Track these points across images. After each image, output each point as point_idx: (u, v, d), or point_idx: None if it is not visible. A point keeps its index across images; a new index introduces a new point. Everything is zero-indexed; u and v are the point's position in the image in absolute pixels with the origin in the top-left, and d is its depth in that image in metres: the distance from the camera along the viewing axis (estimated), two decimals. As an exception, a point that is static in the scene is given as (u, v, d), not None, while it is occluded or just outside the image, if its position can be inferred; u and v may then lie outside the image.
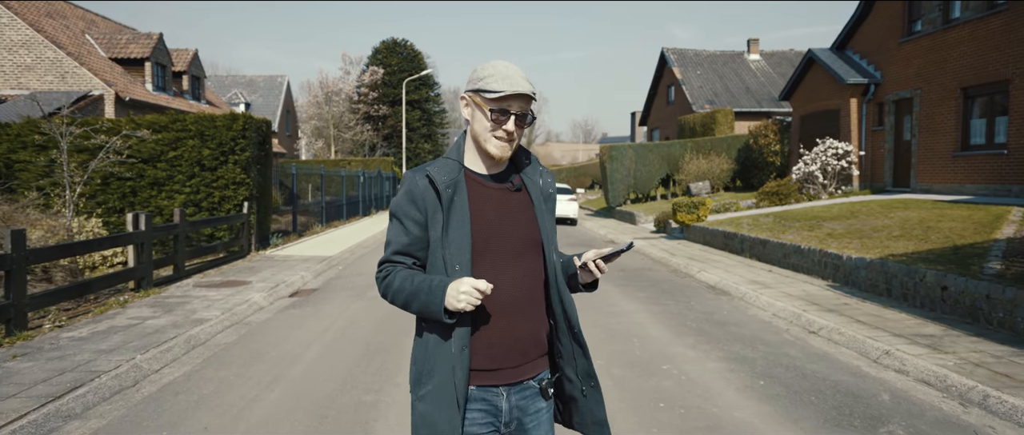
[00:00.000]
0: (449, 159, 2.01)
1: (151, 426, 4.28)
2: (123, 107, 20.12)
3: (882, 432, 4.16)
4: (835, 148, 18.12)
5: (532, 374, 2.00)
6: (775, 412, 4.50)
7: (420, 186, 1.95)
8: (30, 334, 6.24)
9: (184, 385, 5.14)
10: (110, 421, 4.38)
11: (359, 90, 44.49)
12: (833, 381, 5.22)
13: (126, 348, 5.87)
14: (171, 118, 12.17)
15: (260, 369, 5.55)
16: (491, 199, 1.98)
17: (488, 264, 1.93)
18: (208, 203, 12.26)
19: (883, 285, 8.28)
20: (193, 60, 26.13)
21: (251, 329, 7.06)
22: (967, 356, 5.54)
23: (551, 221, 2.08)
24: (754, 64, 35.58)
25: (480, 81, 1.92)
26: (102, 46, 22.60)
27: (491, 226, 1.95)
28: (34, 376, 5.03)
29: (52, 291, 6.94)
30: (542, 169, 2.13)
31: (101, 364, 5.36)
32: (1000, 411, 4.46)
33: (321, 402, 4.70)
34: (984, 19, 14.11)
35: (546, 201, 2.08)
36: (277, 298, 8.82)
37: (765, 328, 7.11)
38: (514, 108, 1.91)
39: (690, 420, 4.33)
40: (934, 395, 4.90)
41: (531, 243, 1.99)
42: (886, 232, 10.45)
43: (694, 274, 10.94)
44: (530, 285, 1.98)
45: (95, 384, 4.88)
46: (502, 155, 1.94)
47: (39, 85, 19.63)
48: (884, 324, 6.81)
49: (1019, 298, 6.12)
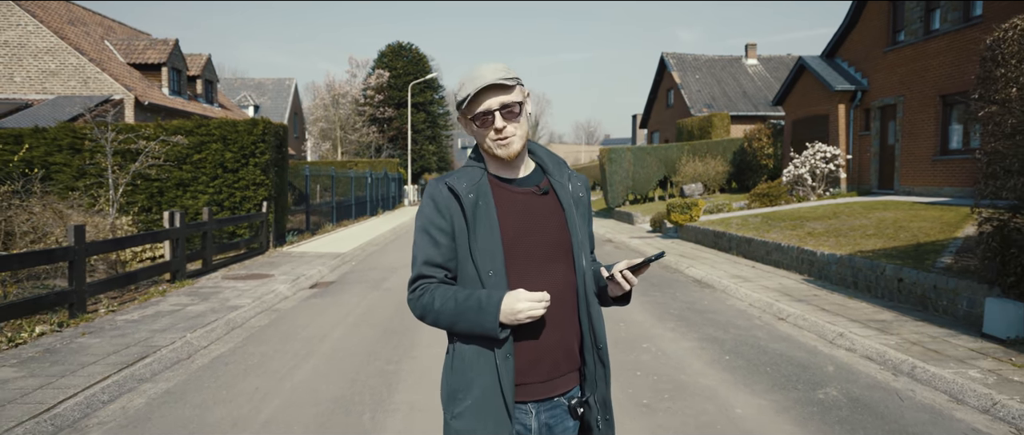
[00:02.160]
0: (471, 166, 1.98)
1: (211, 386, 5.13)
2: (142, 111, 21.03)
3: (819, 393, 5.00)
4: (823, 152, 18.92)
5: (563, 390, 1.91)
6: (734, 379, 5.34)
7: (443, 195, 1.90)
8: (90, 317, 7.11)
9: (231, 358, 6.00)
10: (176, 383, 5.24)
11: (365, 93, 45.41)
12: (789, 356, 6.05)
13: (175, 329, 6.72)
14: (196, 123, 13.05)
15: (294, 346, 6.40)
16: (516, 204, 1.92)
17: (519, 270, 1.87)
18: (230, 203, 13.12)
19: (850, 278, 9.11)
20: (206, 65, 27.04)
21: (280, 314, 7.92)
22: (908, 337, 6.36)
23: (584, 226, 2.01)
24: (751, 69, 36.39)
25: (458, 97, 1.90)
26: (121, 52, 23.51)
27: (519, 230, 1.89)
28: (104, 349, 5.89)
29: (105, 280, 7.80)
30: (571, 172, 2.07)
31: (158, 340, 6.21)
32: (922, 378, 5.29)
33: (350, 369, 5.55)
34: (961, 31, 14.92)
35: (577, 205, 2.01)
36: (299, 289, 9.67)
37: (739, 315, 7.94)
38: (491, 104, 1.84)
39: (661, 384, 5.17)
40: (873, 367, 5.73)
41: (561, 248, 1.93)
42: (861, 231, 11.26)
43: (683, 270, 11.77)
44: (561, 292, 1.90)
45: (157, 355, 5.74)
46: (508, 153, 1.89)
47: (63, 90, 20.54)
48: (845, 312, 7.64)
49: (959, 287, 6.95)
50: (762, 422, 4.40)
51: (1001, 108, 6.11)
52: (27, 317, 6.61)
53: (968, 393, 4.85)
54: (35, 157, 12.30)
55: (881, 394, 5.00)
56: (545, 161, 2.02)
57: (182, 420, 4.43)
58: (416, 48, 47.90)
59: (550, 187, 1.99)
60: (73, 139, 12.72)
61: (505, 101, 1.84)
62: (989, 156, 6.27)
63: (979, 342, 6.07)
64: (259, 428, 4.25)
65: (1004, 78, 6.11)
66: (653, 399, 4.83)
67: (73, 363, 5.41)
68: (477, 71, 1.84)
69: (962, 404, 4.78)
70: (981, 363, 5.42)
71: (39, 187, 10.22)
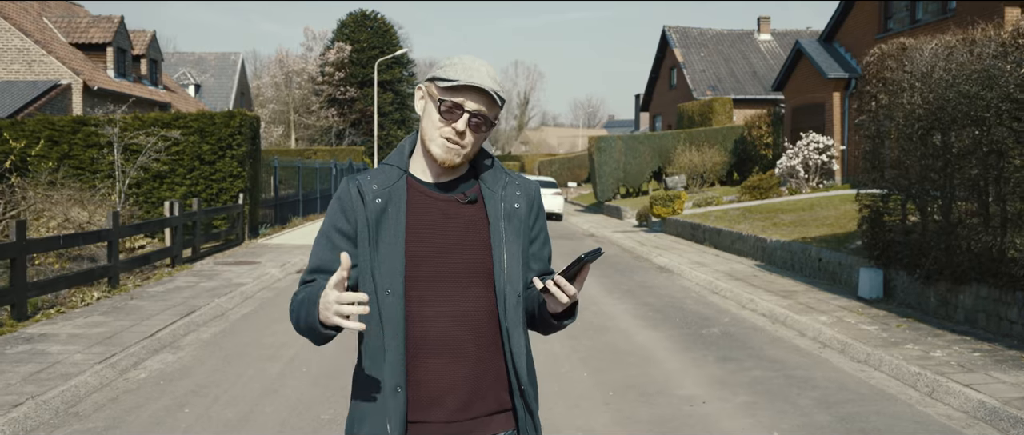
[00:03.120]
0: (388, 165, 2.09)
1: (252, 329, 8.48)
2: (90, 96, 24.22)
3: (704, 330, 8.44)
4: (817, 143, 22.47)
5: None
6: (647, 324, 8.78)
7: (351, 195, 2.05)
8: (124, 288, 10.42)
9: (256, 316, 9.35)
10: (224, 328, 8.59)
11: (323, 69, 48.54)
12: (699, 313, 9.50)
13: (201, 297, 10.05)
14: (174, 116, 16.34)
15: (303, 309, 9.77)
16: (433, 213, 2.03)
17: (424, 289, 1.99)
18: (206, 194, 16.41)
19: (790, 261, 12.60)
20: (151, 42, 30.25)
21: (280, 290, 11.27)
22: (802, 300, 9.83)
23: (515, 244, 2.07)
24: (764, 45, 39.94)
25: (439, 70, 2.02)
26: (62, 30, 26.65)
27: (430, 245, 2.00)
28: (156, 308, 9.22)
29: (129, 260, 11.14)
30: (509, 179, 2.14)
31: (195, 304, 9.56)
32: (787, 323, 8.76)
33: (354, 321, 8.93)
34: (938, 22, 18.50)
35: (509, 219, 2.07)
36: (288, 273, 13.03)
37: (680, 290, 11.40)
38: (470, 105, 1.96)
39: (590, 326, 8.59)
40: (760, 319, 9.19)
41: (480, 269, 2.03)
42: (821, 221, 14.75)
43: (652, 259, 15.24)
44: (476, 321, 2.01)
45: (200, 312, 9.08)
46: (446, 159, 2.00)
47: (6, 74, 23.70)
48: (769, 286, 11.10)
49: (852, 263, 10.42)
50: (653, 343, 7.83)
51: (868, 117, 9.58)
52: (78, 287, 9.91)
53: (809, 329, 8.32)
54: (18, 149, 15.56)
55: (749, 331, 8.47)
56: (478, 163, 2.13)
57: (243, 343, 7.78)
58: (382, 17, 51.23)
59: (479, 195, 2.08)
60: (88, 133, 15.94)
61: (481, 111, 1.98)
62: (864, 154, 9.74)
63: (849, 301, 9.55)
64: (299, 348, 7.60)
65: (869, 93, 9.57)
66: (580, 334, 8.24)
67: (140, 315, 8.74)
68: (474, 64, 1.99)
69: (803, 336, 8.25)
70: (835, 313, 8.89)
71: (57, 178, 13.49)
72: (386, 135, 50.08)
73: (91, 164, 15.79)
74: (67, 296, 9.56)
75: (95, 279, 10.09)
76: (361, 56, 49.55)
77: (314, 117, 48.30)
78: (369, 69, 48.22)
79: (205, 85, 45.27)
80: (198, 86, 44.40)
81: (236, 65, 46.61)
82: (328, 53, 48.97)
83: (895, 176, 9.29)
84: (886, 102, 9.56)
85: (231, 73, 46.22)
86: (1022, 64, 6.95)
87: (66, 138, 15.96)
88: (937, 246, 8.43)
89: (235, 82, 45.61)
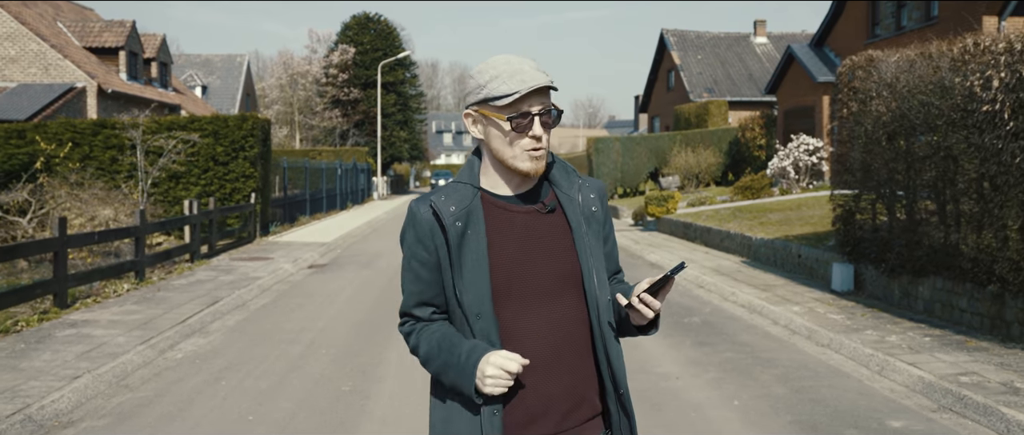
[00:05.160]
0: (460, 183, 2.04)
1: (273, 317, 9.27)
2: (104, 99, 25.03)
3: (686, 319, 9.22)
4: (807, 145, 23.24)
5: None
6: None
7: (425, 220, 2.01)
8: (149, 281, 11.21)
9: (274, 306, 10.14)
10: (245, 316, 9.38)
11: (327, 71, 49.32)
12: (684, 305, 10.27)
13: (222, 289, 10.84)
14: (189, 119, 17.15)
15: (316, 301, 10.54)
16: (515, 227, 2.01)
17: (515, 308, 1.98)
18: (220, 194, 17.21)
19: (773, 258, 13.37)
20: (161, 46, 31.06)
21: (294, 284, 12.06)
22: (779, 293, 10.60)
23: (598, 247, 2.09)
24: (760, 48, 40.74)
25: (484, 89, 1.97)
26: (76, 35, 27.47)
27: (516, 262, 1.99)
28: (182, 298, 10.01)
29: (153, 255, 11.93)
30: (582, 181, 2.13)
31: (218, 294, 10.34)
32: (763, 312, 9.53)
33: (362, 314, 9.70)
34: (921, 29, 19.27)
35: (589, 222, 2.08)
36: (300, 268, 13.82)
37: (669, 284, 12.17)
38: (536, 108, 1.95)
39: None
40: (739, 310, 9.96)
41: (569, 278, 2.03)
42: (805, 220, 15.52)
43: (644, 256, 16.01)
44: (569, 330, 2.02)
45: (223, 302, 9.86)
46: (537, 168, 1.98)
47: (23, 77, 24.52)
48: (751, 281, 11.87)
49: (828, 258, 11.20)
50: (637, 330, 8.61)
51: (840, 123, 10.36)
52: (109, 279, 10.69)
53: (781, 318, 9.09)
54: (43, 150, 16.35)
55: (727, 320, 9.25)
56: (551, 169, 2.10)
57: (265, 329, 8.56)
58: (385, 20, 51.98)
59: (557, 203, 2.07)
60: (108, 135, 16.74)
61: (547, 106, 1.97)
62: (837, 157, 10.52)
63: (822, 294, 10.33)
64: (317, 333, 8.38)
65: (841, 101, 10.35)
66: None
67: (169, 305, 9.53)
68: (517, 65, 1.96)
69: (776, 324, 9.03)
70: (808, 304, 9.66)
71: (83, 178, 14.32)
72: (389, 136, 50.82)
73: (111, 165, 16.59)
74: (100, 287, 10.35)
75: (124, 272, 10.88)
76: (364, 58, 50.31)
77: (318, 118, 49.09)
78: (372, 71, 48.99)
79: (211, 87, 46.10)
80: (205, 87, 45.24)
81: (242, 67, 47.43)
82: (332, 55, 49.74)
83: (864, 178, 10.06)
84: (856, 109, 10.33)
85: (237, 74, 47.05)
86: (968, 78, 7.71)
87: (87, 140, 16.76)
88: (900, 242, 9.21)
89: (241, 83, 46.43)
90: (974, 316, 8.00)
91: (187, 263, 13.45)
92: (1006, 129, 7.15)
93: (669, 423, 5.52)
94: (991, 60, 7.40)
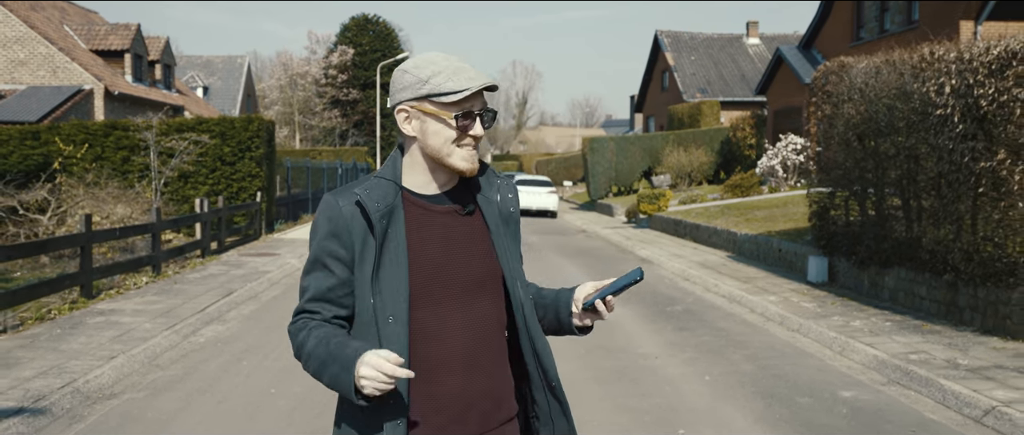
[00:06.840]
0: (382, 179, 2.00)
1: (282, 308, 9.94)
2: (111, 101, 25.67)
3: (668, 308, 9.90)
4: (794, 144, 23.92)
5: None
6: (621, 303, 10.22)
7: (345, 214, 1.94)
8: (165, 275, 11.87)
9: (285, 297, 10.80)
10: (259, 306, 10.04)
11: (327, 72, 49.97)
12: (668, 295, 10.95)
13: (234, 282, 11.49)
14: (198, 120, 17.80)
15: (324, 292, 11.21)
16: (434, 227, 1.99)
17: (433, 309, 1.96)
18: (227, 193, 17.84)
19: (756, 252, 14.06)
20: (165, 48, 31.68)
21: (301, 278, 12.74)
22: (759, 284, 11.28)
23: (515, 248, 2.10)
24: (752, 49, 41.44)
25: (426, 84, 1.93)
26: (82, 38, 28.09)
27: (434, 263, 1.97)
28: (198, 290, 10.67)
29: (168, 250, 12.59)
30: (500, 181, 2.13)
31: (231, 287, 11.00)
32: (741, 301, 10.21)
33: (370, 301, 10.38)
34: (903, 33, 19.96)
35: (507, 224, 2.09)
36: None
37: (656, 278, 12.84)
38: (478, 107, 1.95)
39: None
40: (719, 299, 10.64)
41: (487, 280, 2.03)
42: (789, 217, 16.21)
43: (635, 251, 16.68)
44: (488, 332, 2.03)
45: (236, 293, 10.52)
46: (473, 167, 1.99)
47: (32, 80, 25.14)
48: (734, 274, 12.55)
49: (805, 252, 11.88)
50: (623, 317, 9.28)
51: (816, 124, 11.04)
52: (129, 273, 11.35)
53: (758, 306, 9.78)
54: (56, 150, 17.00)
55: (707, 309, 9.93)
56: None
57: (278, 318, 9.23)
58: (384, 21, 52.65)
59: (475, 205, 2.07)
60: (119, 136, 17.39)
61: (487, 106, 1.98)
62: (816, 156, 11.20)
63: (799, 285, 11.02)
64: (327, 321, 9.06)
65: (816, 104, 11.03)
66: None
67: (187, 296, 10.19)
68: (457, 63, 1.95)
69: (752, 312, 9.71)
70: (784, 294, 10.35)
71: (99, 178, 14.98)
72: (388, 136, 51.46)
73: (123, 165, 17.24)
74: (121, 280, 11.00)
75: (142, 266, 11.54)
76: (363, 59, 50.93)
77: (318, 118, 49.71)
78: (371, 71, 49.62)
79: (213, 88, 46.71)
80: (206, 88, 45.85)
81: (243, 68, 48.05)
82: (331, 56, 50.36)
83: (838, 176, 10.75)
84: (830, 112, 11.02)
85: (238, 75, 47.66)
86: (925, 84, 8.39)
87: (99, 141, 17.41)
88: (870, 236, 9.89)
89: (242, 84, 47.05)
90: (932, 303, 8.69)
91: (198, 258, 14.10)
92: (956, 131, 7.84)
93: (644, 393, 6.20)
94: (944, 68, 8.08)
